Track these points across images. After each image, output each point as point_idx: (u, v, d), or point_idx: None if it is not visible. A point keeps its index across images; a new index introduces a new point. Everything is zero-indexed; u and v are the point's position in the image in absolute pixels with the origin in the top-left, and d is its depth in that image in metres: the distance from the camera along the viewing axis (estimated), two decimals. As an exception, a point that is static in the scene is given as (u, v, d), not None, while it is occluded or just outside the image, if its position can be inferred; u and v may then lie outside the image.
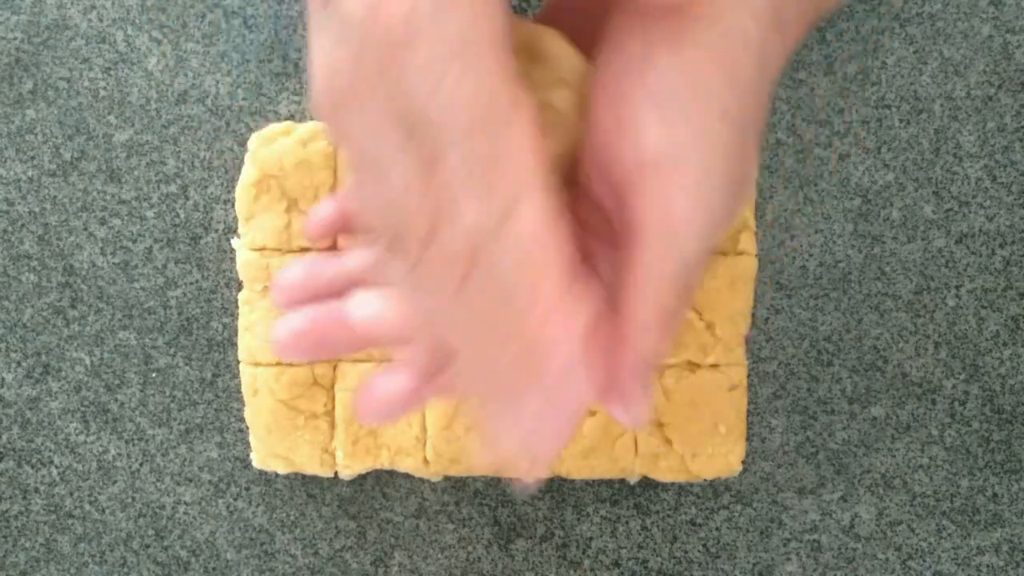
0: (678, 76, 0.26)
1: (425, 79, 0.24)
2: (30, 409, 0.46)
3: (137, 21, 0.45)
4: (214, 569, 0.46)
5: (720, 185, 0.26)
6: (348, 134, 0.26)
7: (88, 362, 0.46)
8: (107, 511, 0.46)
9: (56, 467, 0.46)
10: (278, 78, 0.45)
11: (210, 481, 0.46)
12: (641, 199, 0.27)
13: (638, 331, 0.27)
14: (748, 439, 0.45)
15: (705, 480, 0.45)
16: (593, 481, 0.46)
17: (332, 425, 0.43)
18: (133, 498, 0.46)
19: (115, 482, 0.46)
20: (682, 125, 0.26)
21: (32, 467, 0.46)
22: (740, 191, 0.28)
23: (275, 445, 0.43)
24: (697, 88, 0.26)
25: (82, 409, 0.46)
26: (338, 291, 0.32)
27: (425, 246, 0.25)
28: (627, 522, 0.46)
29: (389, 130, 0.25)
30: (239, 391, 0.45)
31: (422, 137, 0.24)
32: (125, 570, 0.47)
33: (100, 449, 0.46)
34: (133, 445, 0.46)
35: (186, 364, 0.46)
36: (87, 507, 0.46)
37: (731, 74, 0.26)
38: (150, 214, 0.46)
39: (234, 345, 0.46)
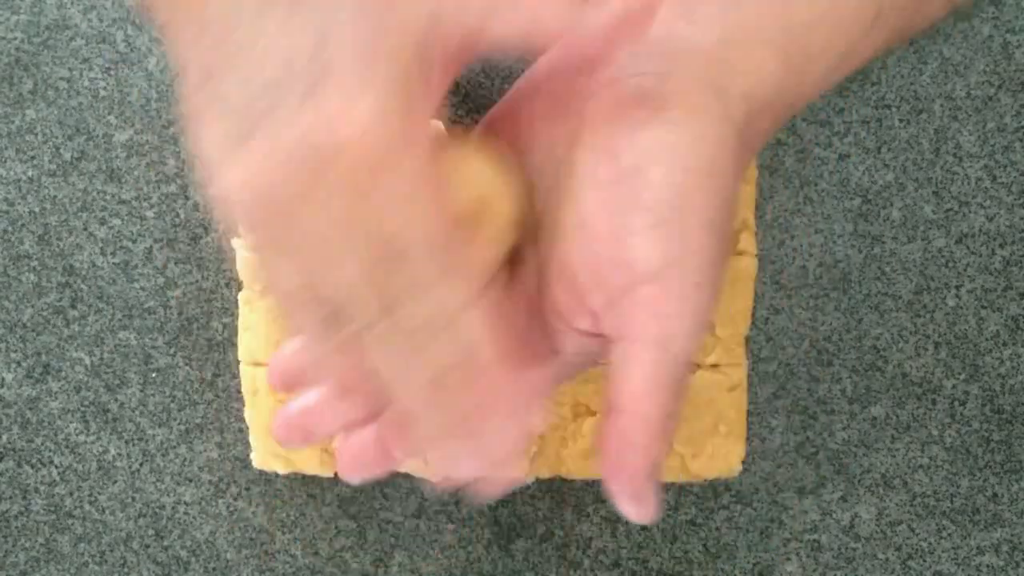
0: (670, 193, 0.28)
1: (392, 204, 0.25)
2: (30, 409, 0.46)
3: (137, 21, 0.45)
4: (214, 569, 0.46)
5: (707, 290, 0.29)
6: (285, 235, 0.27)
7: (88, 362, 0.46)
8: (107, 511, 0.46)
9: (56, 467, 0.46)
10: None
11: (210, 481, 0.46)
12: (637, 309, 0.29)
13: (648, 435, 0.29)
14: (748, 439, 0.45)
15: (705, 480, 0.45)
16: (593, 481, 0.46)
17: (332, 425, 0.43)
18: (133, 498, 0.46)
19: (115, 482, 0.46)
20: (676, 240, 0.28)
21: (32, 467, 0.46)
22: (716, 295, 0.30)
23: (275, 445, 0.43)
24: (687, 204, 0.28)
25: (82, 409, 0.46)
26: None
27: (375, 324, 0.27)
28: (627, 522, 0.46)
29: (340, 234, 0.26)
30: (239, 391, 0.45)
31: (380, 242, 0.26)
32: (125, 570, 0.47)
33: (100, 449, 0.46)
34: (133, 445, 0.46)
35: (186, 364, 0.46)
36: (87, 507, 0.46)
37: (715, 185, 0.29)
38: (150, 214, 0.46)
39: (234, 345, 0.46)
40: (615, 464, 0.30)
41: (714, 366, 0.43)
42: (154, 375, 0.46)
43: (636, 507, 0.31)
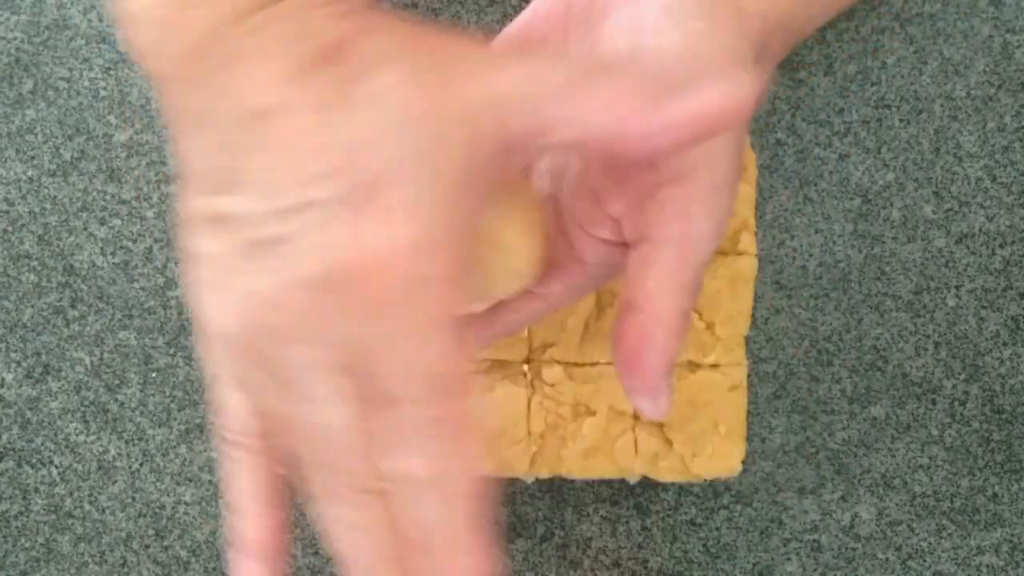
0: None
1: (386, 346, 0.24)
2: (30, 409, 0.46)
3: (137, 21, 0.45)
4: (214, 569, 0.46)
5: (727, 192, 0.29)
6: (267, 367, 0.26)
7: (88, 362, 0.46)
8: (107, 511, 0.46)
9: (56, 467, 0.46)
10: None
11: (210, 481, 0.46)
12: (659, 208, 0.29)
13: (665, 332, 0.30)
14: (748, 439, 0.45)
15: (705, 480, 0.45)
16: (593, 481, 0.46)
17: (332, 425, 0.43)
18: (133, 498, 0.46)
19: (115, 482, 0.46)
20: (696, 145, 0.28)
21: (32, 467, 0.46)
22: (736, 196, 0.30)
23: (275, 445, 0.43)
24: None
25: (82, 409, 0.46)
26: None
27: (350, 478, 0.26)
28: (627, 522, 0.46)
29: (327, 371, 0.25)
30: (239, 391, 0.45)
31: (368, 387, 0.25)
32: (125, 570, 0.47)
33: (100, 449, 0.46)
34: (133, 445, 0.46)
35: (186, 364, 0.46)
36: (87, 507, 0.46)
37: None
38: (150, 214, 0.46)
39: (234, 345, 0.46)
40: (632, 361, 0.30)
41: (714, 366, 0.43)
42: (154, 375, 0.46)
43: (651, 403, 0.31)
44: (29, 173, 0.46)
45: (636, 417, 0.43)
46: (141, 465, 0.46)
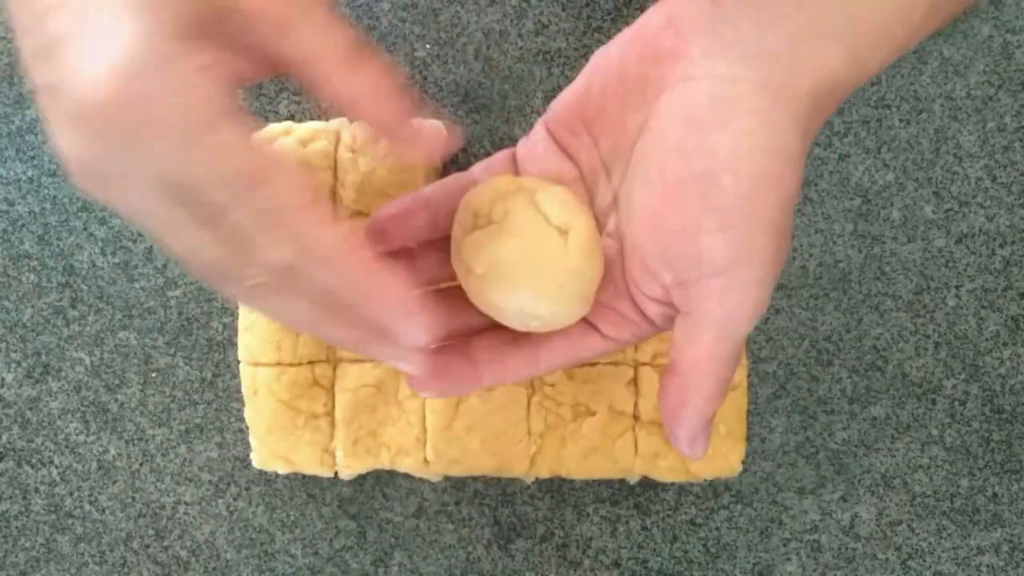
0: (738, 199, 0.31)
1: (177, 154, 0.27)
2: (30, 409, 0.46)
3: (137, 21, 0.45)
4: (214, 569, 0.46)
5: (768, 283, 0.32)
6: (117, 205, 0.29)
7: (88, 362, 0.46)
8: (107, 511, 0.46)
9: (56, 467, 0.46)
10: (277, 78, 0.45)
11: (210, 481, 0.46)
12: (704, 295, 0.32)
13: (703, 398, 0.33)
14: (748, 439, 0.45)
15: (705, 480, 0.45)
16: (593, 481, 0.46)
17: (332, 425, 0.43)
18: (133, 498, 0.46)
19: (115, 482, 0.46)
20: (741, 242, 0.31)
21: (32, 467, 0.46)
22: (777, 277, 0.33)
23: (275, 445, 0.43)
24: (753, 209, 0.31)
25: (82, 409, 0.46)
26: None
27: (239, 279, 0.29)
28: (627, 522, 0.46)
29: (155, 200, 0.28)
30: (239, 391, 0.45)
31: (193, 202, 0.27)
32: (125, 570, 0.47)
33: (100, 449, 0.46)
34: (133, 445, 0.46)
35: (186, 364, 0.46)
36: (87, 507, 0.46)
37: (779, 190, 0.31)
38: (150, 214, 0.46)
39: (234, 345, 0.46)
40: (672, 417, 0.34)
41: (714, 366, 0.43)
42: (154, 375, 0.46)
43: (690, 449, 0.34)
44: (29, 173, 0.46)
45: (636, 417, 0.43)
46: (141, 465, 0.46)
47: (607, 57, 0.34)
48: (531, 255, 0.33)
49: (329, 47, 0.30)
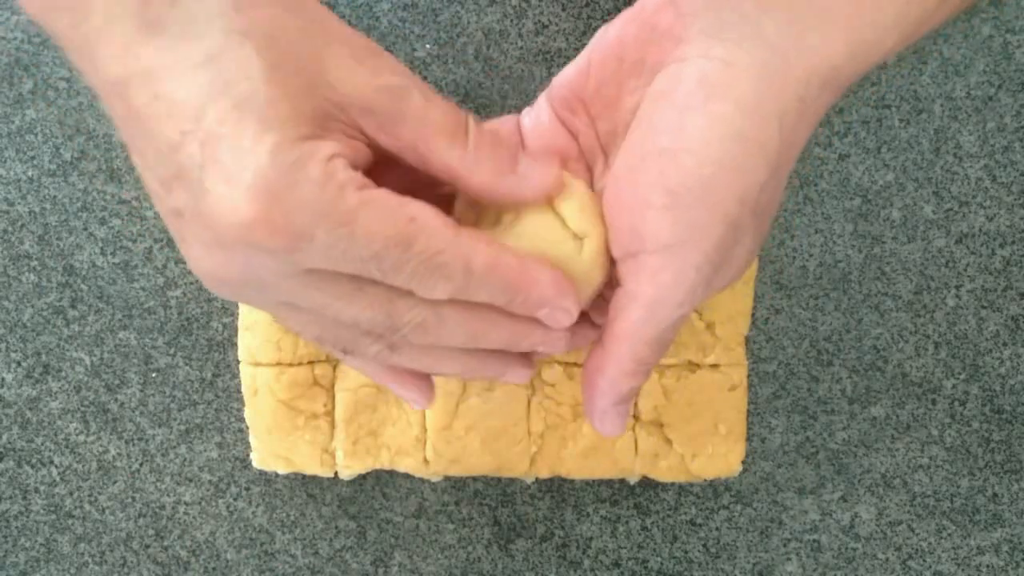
0: (693, 181, 0.30)
1: (329, 243, 0.28)
2: (30, 409, 0.46)
3: (137, 21, 0.45)
4: (214, 569, 0.46)
5: (705, 273, 0.31)
6: (251, 304, 0.32)
7: (88, 362, 0.46)
8: (107, 511, 0.46)
9: (56, 467, 0.46)
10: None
11: (210, 481, 0.46)
12: (640, 271, 0.31)
13: (618, 371, 0.33)
14: (748, 439, 0.45)
15: (705, 480, 0.45)
16: (593, 481, 0.46)
17: (332, 425, 0.43)
18: (133, 498, 0.46)
19: (115, 482, 0.46)
20: (684, 224, 0.30)
21: (32, 467, 0.46)
22: (725, 272, 0.32)
23: (275, 445, 0.43)
24: (706, 194, 0.30)
25: (82, 409, 0.46)
26: None
27: (392, 331, 0.31)
28: (627, 522, 0.46)
29: (307, 281, 0.29)
30: (239, 391, 0.45)
31: (359, 269, 0.29)
32: (125, 570, 0.47)
33: (100, 449, 0.46)
34: (133, 445, 0.46)
35: (186, 364, 0.46)
36: (87, 507, 0.46)
37: (741, 181, 0.30)
38: (150, 214, 0.46)
39: (234, 345, 0.46)
40: (586, 383, 0.34)
41: (714, 366, 0.43)
42: (154, 375, 0.46)
43: (600, 423, 0.34)
44: (29, 173, 0.46)
45: (636, 417, 0.43)
46: (141, 465, 0.46)
47: (606, 37, 0.34)
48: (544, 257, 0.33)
49: (432, 128, 0.31)
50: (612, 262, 0.33)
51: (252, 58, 0.28)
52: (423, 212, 0.29)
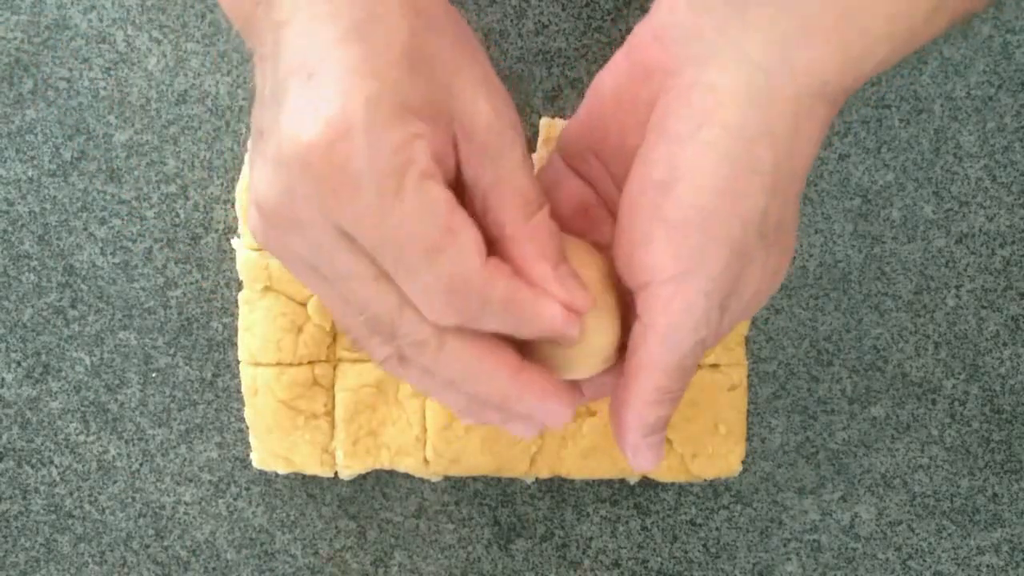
0: (692, 211, 0.30)
1: (369, 205, 0.28)
2: (30, 409, 0.46)
3: (137, 21, 0.45)
4: (214, 569, 0.46)
5: (715, 298, 0.31)
6: (287, 253, 0.31)
7: (88, 362, 0.46)
8: (107, 511, 0.46)
9: (56, 467, 0.46)
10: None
11: (210, 481, 0.46)
12: (652, 303, 0.31)
13: (641, 404, 0.33)
14: (748, 439, 0.45)
15: (705, 480, 0.45)
16: (593, 481, 0.46)
17: (332, 425, 0.43)
18: (133, 498, 0.46)
19: (115, 482, 0.46)
20: (689, 253, 0.31)
21: (32, 467, 0.46)
22: (741, 295, 0.32)
23: (275, 445, 0.43)
24: (706, 221, 0.30)
25: (82, 409, 0.46)
26: None
27: (383, 337, 0.31)
28: (627, 522, 0.46)
29: (331, 251, 0.29)
30: (239, 391, 0.45)
31: (372, 255, 0.29)
32: (125, 570, 0.47)
33: (100, 449, 0.46)
34: (133, 445, 0.46)
35: (186, 364, 0.46)
36: (87, 507, 0.46)
37: (740, 204, 0.30)
38: (150, 214, 0.46)
39: (234, 345, 0.46)
40: (614, 417, 0.34)
41: (714, 366, 0.43)
42: (154, 375, 0.46)
43: (634, 459, 0.34)
44: (29, 173, 0.46)
45: (636, 417, 0.43)
46: (141, 465, 0.46)
47: (603, 82, 0.34)
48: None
49: (514, 189, 0.31)
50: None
51: (402, 30, 0.28)
52: (466, 233, 0.29)
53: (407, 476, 0.46)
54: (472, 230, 0.29)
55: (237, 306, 0.44)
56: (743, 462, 0.44)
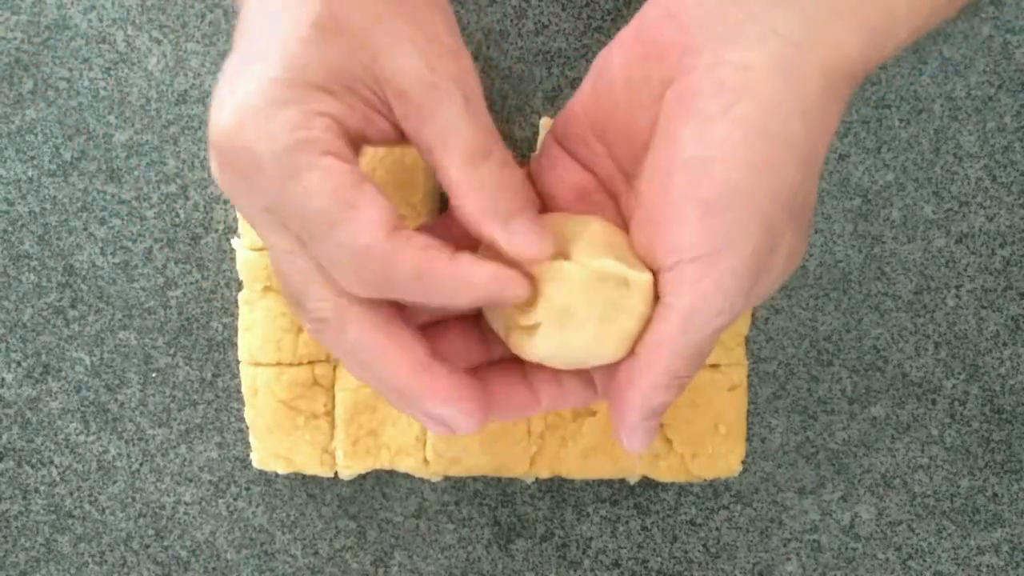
0: (725, 188, 0.30)
1: (273, 185, 0.29)
2: (30, 409, 0.46)
3: (137, 21, 0.45)
4: (214, 569, 0.46)
5: (745, 279, 0.30)
6: (245, 219, 0.33)
7: (88, 362, 0.46)
8: (107, 511, 0.46)
9: (56, 467, 0.46)
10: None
11: (210, 481, 0.46)
12: (678, 283, 0.31)
13: (650, 384, 0.32)
14: (748, 439, 0.45)
15: (705, 480, 0.45)
16: (593, 481, 0.46)
17: (332, 425, 0.43)
18: (133, 498, 0.46)
19: (115, 482, 0.46)
20: (722, 232, 0.30)
21: (32, 467, 0.46)
22: (764, 279, 0.31)
23: (275, 445, 0.43)
24: (739, 199, 0.30)
25: (82, 409, 0.46)
26: None
27: (298, 308, 0.32)
28: (627, 522, 0.46)
29: (262, 219, 0.31)
30: (239, 391, 0.45)
31: (289, 225, 0.30)
32: (125, 570, 0.47)
33: (100, 449, 0.46)
34: (133, 445, 0.46)
35: (186, 364, 0.46)
36: (87, 507, 0.46)
37: (772, 181, 0.30)
38: (150, 214, 0.46)
39: (234, 345, 0.46)
40: (615, 395, 0.33)
41: (714, 366, 0.43)
42: (154, 375, 0.46)
43: (627, 439, 0.34)
44: (29, 173, 0.46)
45: (636, 417, 0.43)
46: (141, 465, 0.46)
47: (609, 62, 0.33)
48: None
49: (456, 140, 0.30)
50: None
51: (314, 6, 0.29)
52: (368, 207, 0.29)
53: (407, 476, 0.46)
54: (375, 205, 0.29)
55: (237, 306, 0.44)
56: (743, 462, 0.44)
